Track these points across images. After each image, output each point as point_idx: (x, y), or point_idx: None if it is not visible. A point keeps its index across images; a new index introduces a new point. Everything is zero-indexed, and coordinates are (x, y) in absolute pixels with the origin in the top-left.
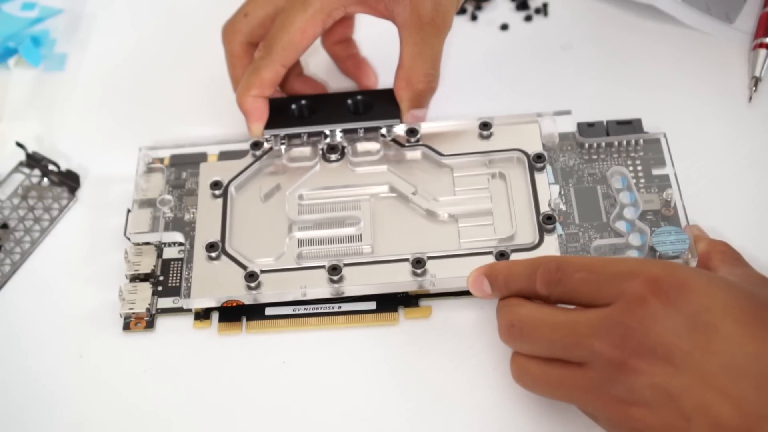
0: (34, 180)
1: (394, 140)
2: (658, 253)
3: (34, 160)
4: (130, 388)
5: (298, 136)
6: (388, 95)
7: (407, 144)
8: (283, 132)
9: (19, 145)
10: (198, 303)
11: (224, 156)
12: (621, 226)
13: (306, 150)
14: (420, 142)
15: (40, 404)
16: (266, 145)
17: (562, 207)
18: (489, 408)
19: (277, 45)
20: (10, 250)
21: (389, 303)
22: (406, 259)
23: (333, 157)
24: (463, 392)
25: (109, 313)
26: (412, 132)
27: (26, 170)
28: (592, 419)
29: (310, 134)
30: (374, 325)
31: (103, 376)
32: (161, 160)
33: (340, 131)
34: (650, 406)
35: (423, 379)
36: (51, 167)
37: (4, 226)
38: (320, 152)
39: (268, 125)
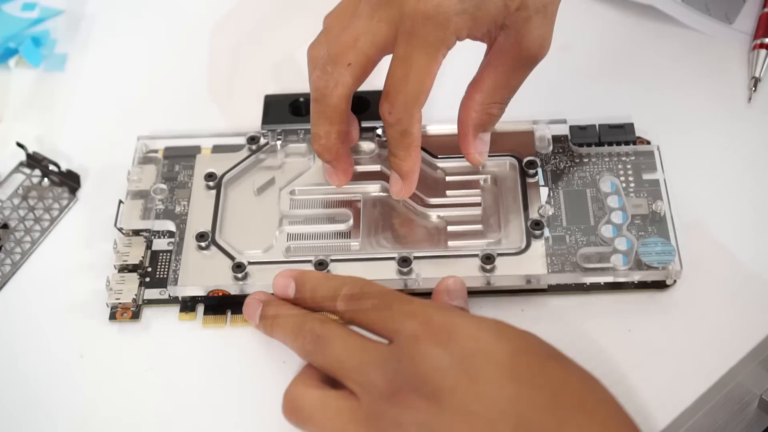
0: (35, 180)
1: None
2: (644, 264)
3: (35, 161)
4: (117, 379)
5: (294, 132)
6: None
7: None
8: (279, 128)
9: (20, 145)
10: (185, 291)
11: (218, 150)
12: (608, 231)
13: (302, 146)
14: None
15: (40, 404)
16: (262, 140)
17: (551, 212)
18: None
19: (413, 102)
20: (10, 250)
21: None
22: (393, 258)
23: None
24: None
25: (107, 310)
26: None
27: (27, 170)
28: None
29: (307, 131)
30: None
31: (95, 371)
32: (155, 152)
33: None
34: None
35: None
36: (51, 167)
37: (5, 226)
38: None
39: (266, 120)
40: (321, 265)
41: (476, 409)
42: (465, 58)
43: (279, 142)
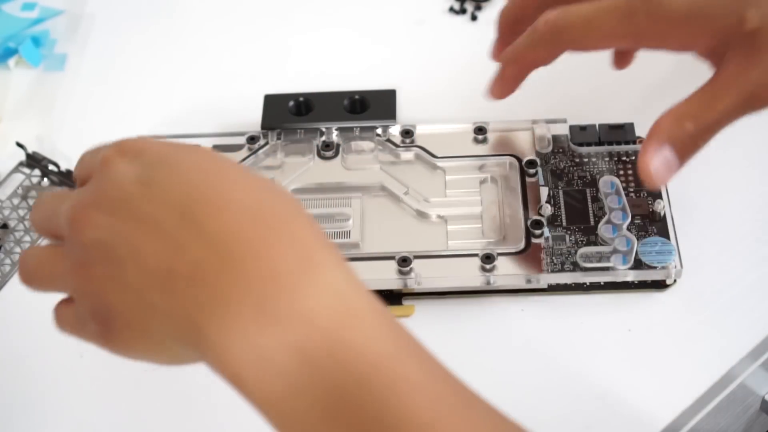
0: (34, 180)
1: (389, 140)
2: (644, 263)
3: (34, 160)
4: (117, 379)
5: (294, 131)
6: (384, 96)
7: (402, 145)
8: (279, 127)
9: (19, 145)
10: None
11: (218, 150)
12: (608, 230)
13: (301, 146)
14: (414, 144)
15: (40, 405)
16: (262, 140)
17: (550, 212)
18: None
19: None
20: (10, 250)
21: None
22: (393, 257)
23: (328, 154)
24: None
25: None
26: (407, 133)
27: (26, 170)
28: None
29: (306, 130)
30: None
31: (95, 371)
32: None
33: (336, 129)
34: (100, 261)
35: None
36: (51, 167)
37: (4, 226)
38: (315, 149)
39: (266, 120)
40: None
41: (147, 211)
42: (466, 57)
43: (279, 142)
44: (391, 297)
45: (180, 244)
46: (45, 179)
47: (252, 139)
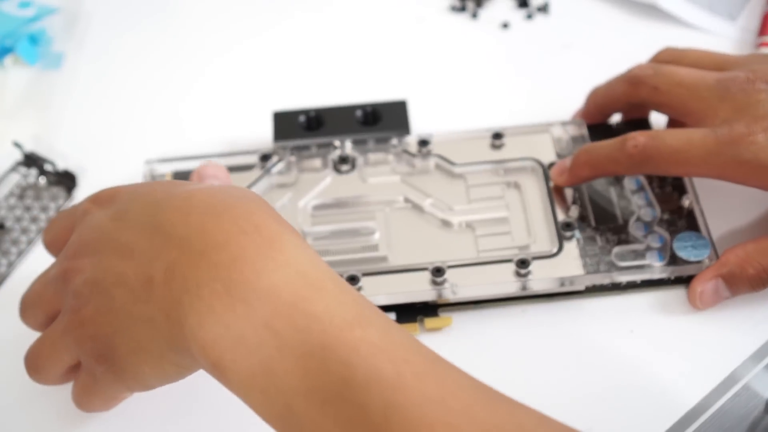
0: (31, 180)
1: (406, 151)
2: (680, 259)
3: (31, 160)
4: None
5: (307, 147)
6: (396, 107)
7: (419, 154)
8: (292, 144)
9: (16, 144)
10: None
11: (230, 170)
12: (639, 228)
13: (316, 161)
14: (432, 153)
15: (37, 406)
16: (275, 158)
17: (578, 213)
18: None
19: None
20: (6, 251)
21: (409, 314)
22: (425, 268)
23: (344, 168)
24: None
25: None
26: (423, 142)
27: (23, 170)
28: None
29: (320, 145)
30: None
31: None
32: (162, 176)
33: (350, 142)
34: (92, 297)
35: None
36: (48, 167)
37: (1, 226)
38: (331, 163)
39: (278, 137)
40: (353, 280)
41: (123, 240)
42: (467, 56)
43: (292, 159)
44: (426, 309)
45: (154, 255)
46: (41, 179)
47: (265, 158)
